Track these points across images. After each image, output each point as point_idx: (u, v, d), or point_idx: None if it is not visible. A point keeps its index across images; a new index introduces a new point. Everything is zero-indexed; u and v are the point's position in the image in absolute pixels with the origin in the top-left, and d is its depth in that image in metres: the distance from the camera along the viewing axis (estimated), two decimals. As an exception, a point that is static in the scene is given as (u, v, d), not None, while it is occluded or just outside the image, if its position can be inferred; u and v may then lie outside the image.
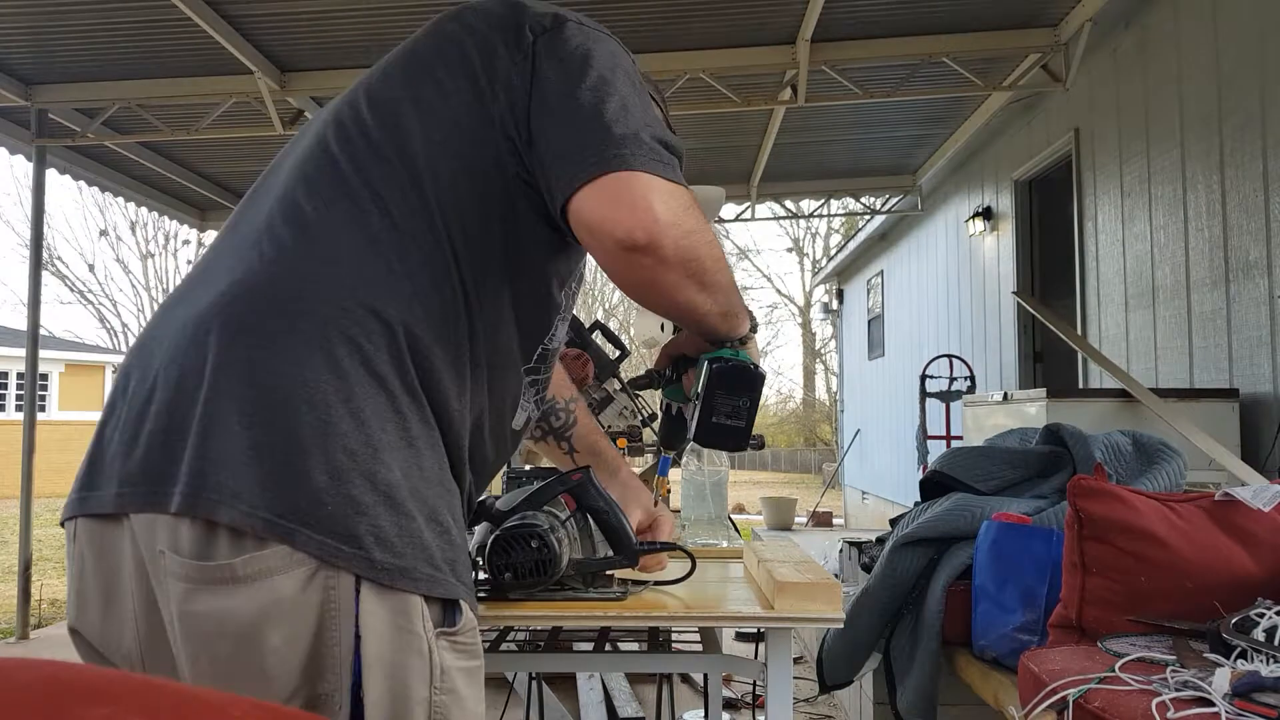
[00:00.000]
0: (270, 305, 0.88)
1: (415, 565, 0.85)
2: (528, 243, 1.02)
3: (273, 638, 0.82)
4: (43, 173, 6.12)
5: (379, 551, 0.83)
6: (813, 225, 25.16)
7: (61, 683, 0.43)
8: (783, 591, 1.19)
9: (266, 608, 0.81)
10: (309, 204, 0.95)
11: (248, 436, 0.82)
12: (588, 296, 26.02)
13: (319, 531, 0.82)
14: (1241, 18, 3.89)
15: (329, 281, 0.90)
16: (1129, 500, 1.66)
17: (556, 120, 0.96)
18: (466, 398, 0.96)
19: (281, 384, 0.84)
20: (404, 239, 0.94)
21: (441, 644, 0.87)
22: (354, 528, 0.83)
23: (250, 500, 0.81)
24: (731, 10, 5.00)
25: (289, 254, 0.92)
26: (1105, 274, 5.15)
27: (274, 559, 0.81)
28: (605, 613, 1.21)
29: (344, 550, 0.82)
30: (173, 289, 1.01)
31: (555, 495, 1.27)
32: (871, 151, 7.65)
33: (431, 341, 0.92)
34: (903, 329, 9.58)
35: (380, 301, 0.90)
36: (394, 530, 0.85)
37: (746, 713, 3.46)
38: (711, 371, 1.17)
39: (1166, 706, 1.21)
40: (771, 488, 17.30)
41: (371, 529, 0.83)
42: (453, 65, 1.01)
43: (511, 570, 1.20)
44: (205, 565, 0.82)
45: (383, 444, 0.86)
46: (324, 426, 0.84)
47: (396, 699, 0.84)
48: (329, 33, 5.18)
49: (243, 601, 0.81)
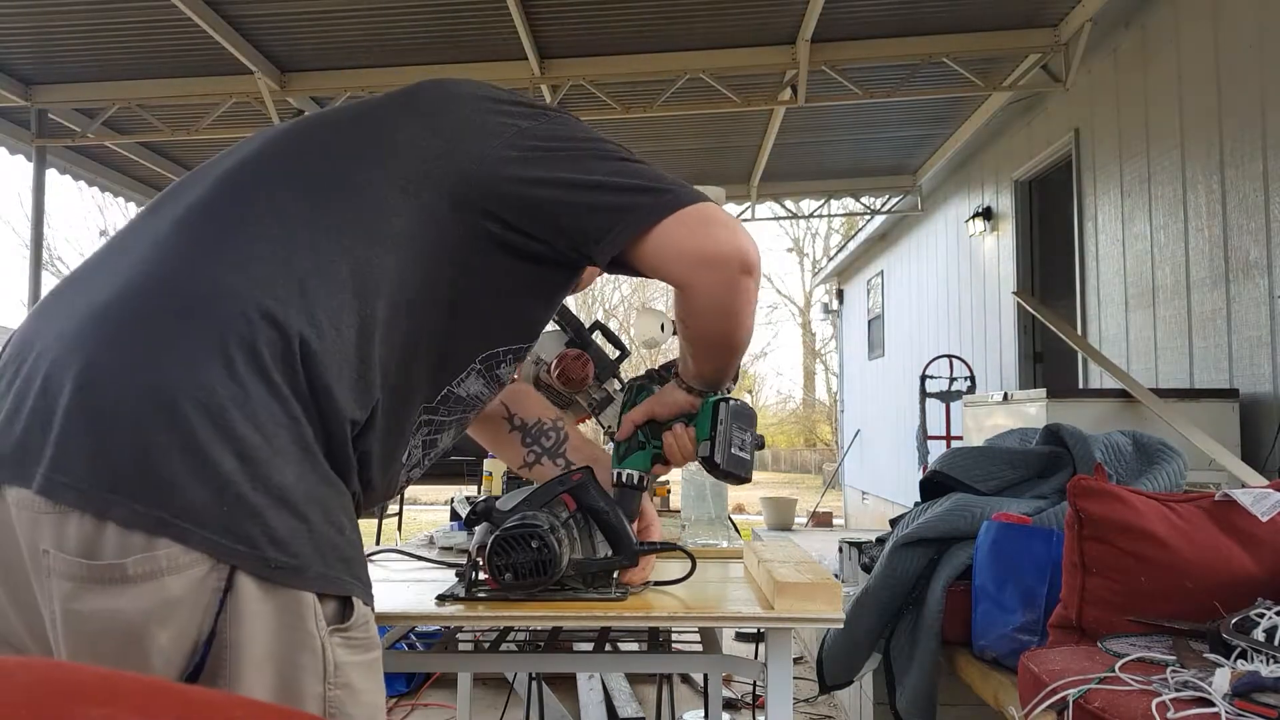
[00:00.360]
0: (170, 303, 0.89)
1: (308, 564, 0.87)
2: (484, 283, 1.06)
3: (160, 637, 0.82)
4: (43, 173, 6.12)
5: (272, 550, 0.84)
6: (813, 225, 25.16)
7: (61, 683, 0.43)
8: (783, 591, 1.19)
9: (156, 607, 0.81)
10: (235, 207, 0.96)
11: (141, 436, 0.82)
12: (588, 297, 26.03)
13: (213, 531, 0.82)
14: (1242, 18, 3.89)
15: (234, 287, 0.90)
16: (1129, 500, 1.66)
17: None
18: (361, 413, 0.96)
19: (177, 385, 0.84)
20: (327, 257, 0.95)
21: (335, 640, 0.89)
22: (247, 528, 0.83)
23: (143, 499, 0.81)
24: (731, 10, 5.00)
25: (200, 253, 0.92)
26: (1105, 274, 5.15)
27: (165, 559, 0.81)
28: (605, 613, 1.21)
29: (239, 550, 0.83)
30: (66, 277, 0.99)
31: (555, 495, 1.27)
32: (871, 151, 7.65)
33: (329, 354, 0.92)
34: (903, 329, 9.58)
35: (283, 310, 0.89)
36: (286, 531, 0.85)
37: (746, 713, 3.46)
38: (729, 408, 1.27)
39: (1166, 707, 1.21)
40: (771, 488, 17.29)
41: (264, 529, 0.84)
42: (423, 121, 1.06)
43: (512, 570, 1.20)
44: (93, 564, 0.81)
45: (276, 449, 0.87)
46: (219, 430, 0.84)
47: (289, 695, 0.86)
48: (329, 33, 5.18)
49: (131, 600, 0.81)
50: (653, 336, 2.44)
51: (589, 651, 1.93)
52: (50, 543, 0.82)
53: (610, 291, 26.19)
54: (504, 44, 5.26)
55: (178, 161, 7.26)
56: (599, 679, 3.78)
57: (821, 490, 12.29)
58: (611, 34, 5.29)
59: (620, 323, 22.11)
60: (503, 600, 1.24)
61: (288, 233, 0.94)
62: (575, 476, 1.29)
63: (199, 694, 0.47)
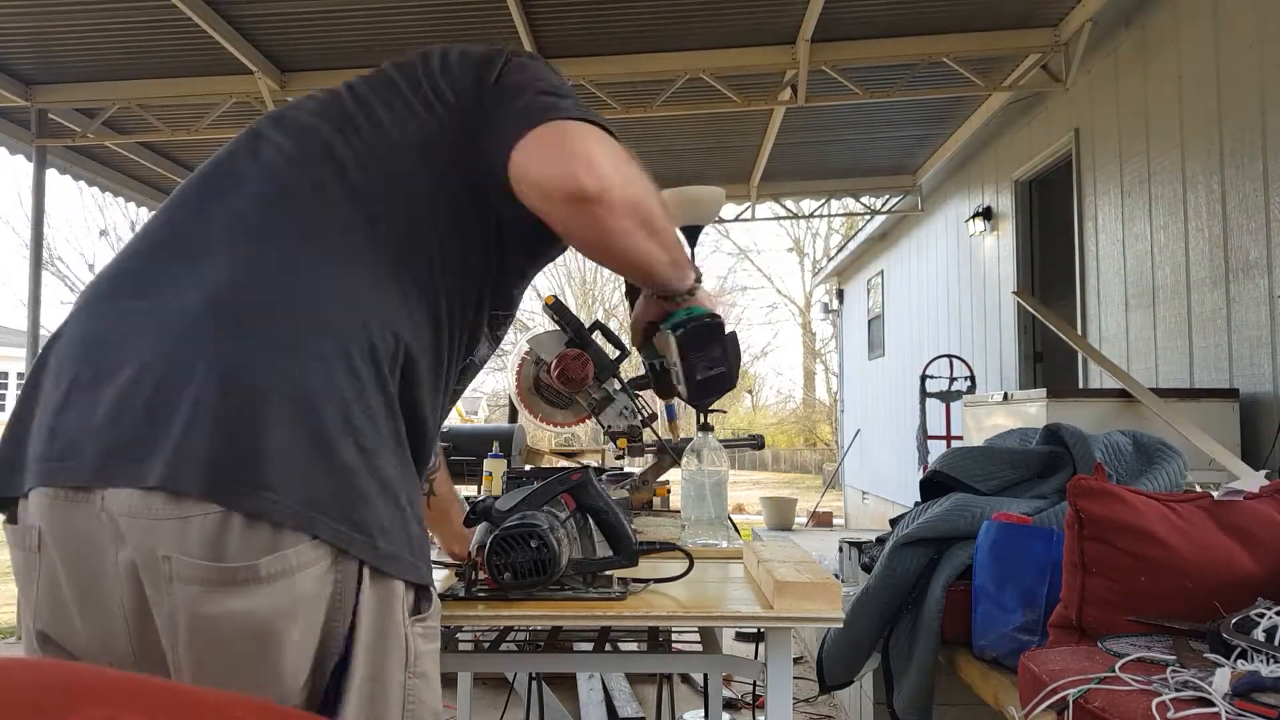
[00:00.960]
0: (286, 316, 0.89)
1: (403, 554, 0.89)
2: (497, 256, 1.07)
3: (293, 633, 0.83)
4: (43, 173, 6.12)
5: (382, 540, 0.86)
6: (813, 225, 25.15)
7: (61, 683, 0.43)
8: (782, 591, 1.19)
9: (289, 604, 0.82)
10: (303, 214, 0.97)
11: (270, 428, 0.83)
12: (588, 296, 26.02)
13: (337, 520, 0.84)
14: (1241, 18, 3.89)
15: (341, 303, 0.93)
16: (1129, 500, 1.66)
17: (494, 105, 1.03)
18: (436, 411, 1.03)
19: (305, 381, 0.86)
20: (398, 264, 0.98)
21: (416, 629, 0.91)
22: (364, 516, 0.85)
23: (272, 488, 0.81)
24: (731, 10, 5.00)
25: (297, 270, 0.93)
26: (1105, 274, 5.15)
27: (295, 556, 0.82)
28: (605, 612, 1.21)
29: (356, 538, 0.85)
30: (107, 277, 0.97)
31: (555, 495, 1.27)
32: (871, 151, 7.64)
33: (419, 356, 0.96)
34: (903, 329, 9.58)
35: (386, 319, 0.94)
36: (390, 520, 0.88)
37: (746, 713, 3.46)
38: (677, 339, 1.21)
39: (1166, 706, 1.21)
40: (771, 488, 17.30)
41: (376, 518, 0.86)
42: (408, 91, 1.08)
43: (511, 570, 1.20)
44: (224, 567, 0.80)
45: (383, 441, 0.89)
46: (345, 425, 0.86)
47: (376, 683, 0.86)
48: (329, 33, 5.18)
49: (265, 600, 0.81)
50: (653, 336, 2.44)
51: (589, 651, 1.93)
52: (172, 547, 0.81)
53: (610, 291, 26.17)
54: (504, 44, 5.25)
55: (178, 161, 7.25)
56: (599, 679, 3.78)
57: (821, 490, 12.29)
58: (611, 34, 5.28)
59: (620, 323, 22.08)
60: (502, 600, 1.24)
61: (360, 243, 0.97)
62: (575, 476, 1.29)
63: (199, 694, 0.47)
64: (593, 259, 1.07)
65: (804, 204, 9.60)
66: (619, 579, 1.32)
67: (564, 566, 1.22)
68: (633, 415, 2.14)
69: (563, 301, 2.15)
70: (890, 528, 2.50)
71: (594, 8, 4.96)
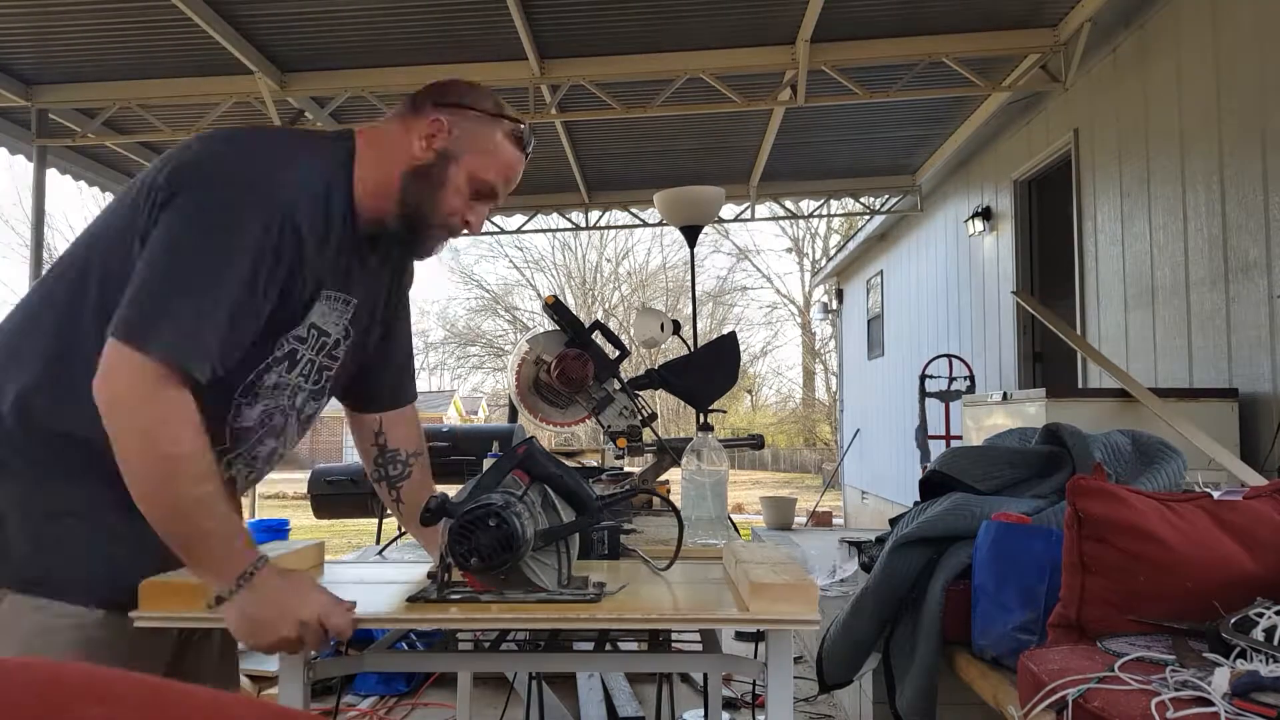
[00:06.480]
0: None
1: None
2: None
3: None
4: (43, 173, 6.12)
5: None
6: (812, 225, 25.14)
7: (61, 683, 0.43)
8: (758, 593, 1.18)
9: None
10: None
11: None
12: (587, 296, 25.98)
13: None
14: (1241, 17, 3.89)
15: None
16: (1129, 500, 1.66)
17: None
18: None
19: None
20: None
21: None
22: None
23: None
24: (731, 10, 5.00)
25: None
26: (1105, 274, 5.15)
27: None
28: (579, 615, 1.19)
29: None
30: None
31: (506, 472, 1.24)
32: (871, 151, 7.64)
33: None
34: (902, 329, 9.58)
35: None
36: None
37: (746, 713, 3.46)
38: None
39: (1166, 706, 1.21)
40: (771, 487, 17.30)
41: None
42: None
43: (477, 554, 1.16)
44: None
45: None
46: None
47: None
48: (329, 33, 5.18)
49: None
50: (652, 336, 2.44)
51: (589, 651, 1.93)
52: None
53: (610, 291, 26.18)
54: (504, 44, 5.26)
55: (177, 161, 7.25)
56: (599, 678, 3.78)
57: (821, 490, 12.28)
58: (611, 34, 5.28)
59: (620, 323, 22.08)
60: (474, 603, 1.21)
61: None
62: (520, 449, 1.25)
63: (200, 694, 0.47)
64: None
65: (804, 204, 9.60)
66: (595, 582, 1.29)
67: (530, 539, 1.18)
68: (633, 415, 2.14)
69: (563, 301, 2.15)
70: (890, 527, 2.50)
71: (594, 8, 4.96)
